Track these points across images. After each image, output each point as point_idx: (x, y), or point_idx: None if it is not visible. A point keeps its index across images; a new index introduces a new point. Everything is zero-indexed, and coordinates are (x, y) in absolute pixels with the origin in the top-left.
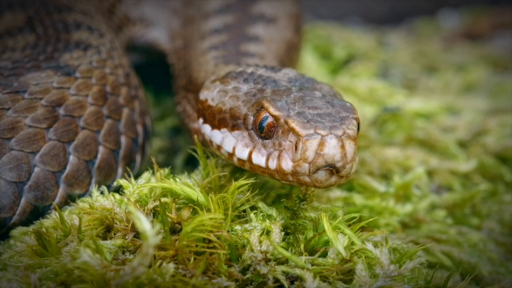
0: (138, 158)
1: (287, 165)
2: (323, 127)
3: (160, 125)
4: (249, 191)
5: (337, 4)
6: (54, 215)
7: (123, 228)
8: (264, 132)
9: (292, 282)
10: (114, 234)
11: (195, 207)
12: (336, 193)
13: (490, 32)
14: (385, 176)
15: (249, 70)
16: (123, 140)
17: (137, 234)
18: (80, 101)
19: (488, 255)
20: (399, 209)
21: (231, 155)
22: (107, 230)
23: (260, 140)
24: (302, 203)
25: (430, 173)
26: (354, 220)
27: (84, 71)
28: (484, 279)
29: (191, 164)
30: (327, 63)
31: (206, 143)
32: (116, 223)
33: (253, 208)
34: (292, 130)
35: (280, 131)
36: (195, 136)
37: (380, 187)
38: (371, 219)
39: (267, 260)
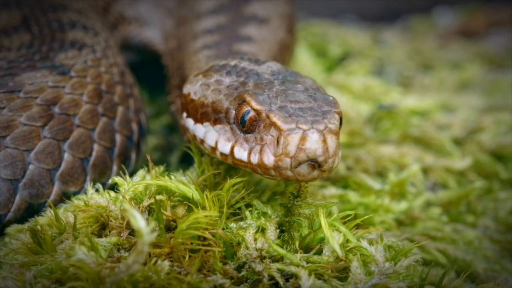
0: (133, 156)
1: (268, 159)
2: (305, 121)
3: (155, 122)
4: (244, 189)
5: (332, 2)
6: (49, 212)
7: (118, 225)
8: (246, 126)
9: (287, 280)
10: (109, 232)
11: (190, 204)
12: (331, 190)
13: (485, 29)
14: (380, 174)
15: (232, 63)
16: (118, 138)
17: (132, 232)
18: (75, 100)
19: (483, 252)
20: (394, 207)
21: (214, 149)
22: (102, 228)
23: (242, 134)
24: (296, 200)
25: (426, 171)
26: (349, 218)
27: (79, 70)
28: (479, 276)
29: (186, 161)
30: (322, 60)
31: (192, 139)
32: (111, 221)
33: (248, 205)
34: (273, 124)
35: (262, 125)
36: (190, 134)
37: (375, 184)
38: (366, 217)
39: (262, 258)
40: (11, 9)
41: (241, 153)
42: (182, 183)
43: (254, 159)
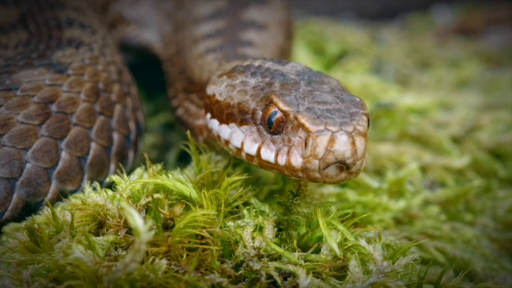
0: (130, 155)
1: (296, 161)
2: (333, 123)
3: (152, 121)
4: (242, 187)
5: (331, 0)
6: (46, 211)
7: (116, 224)
8: (273, 128)
9: (285, 279)
10: (107, 230)
11: (187, 203)
12: (329, 189)
13: (484, 27)
14: (379, 172)
15: (256, 63)
16: (116, 136)
17: (130, 230)
18: (72, 98)
19: (481, 251)
20: (393, 205)
21: (240, 150)
22: (100, 226)
23: (269, 136)
24: (295, 199)
25: (424, 169)
26: (347, 216)
27: (77, 68)
28: (477, 275)
29: (183, 160)
30: (320, 58)
31: (211, 139)
32: (108, 219)
33: (246, 204)
34: (302, 126)
35: (290, 126)
36: (188, 132)
37: (374, 183)
38: (364, 215)
39: (260, 256)
40: (9, 7)
41: (268, 154)
42: (180, 181)
43: (282, 160)
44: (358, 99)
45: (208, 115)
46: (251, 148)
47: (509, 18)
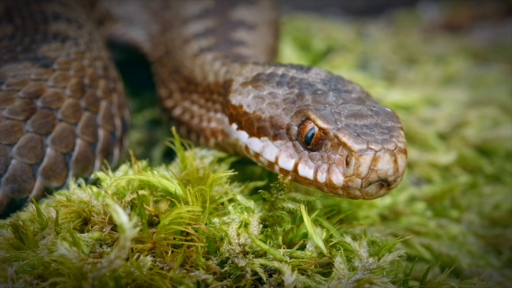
0: (116, 151)
1: (338, 179)
2: (375, 141)
3: (138, 117)
4: (228, 183)
5: None
6: (31, 207)
7: (101, 220)
8: (311, 145)
9: (270, 275)
10: (91, 227)
11: (172, 199)
12: None
13: (470, 23)
14: None
15: (280, 71)
16: (101, 133)
17: (115, 227)
18: (58, 93)
19: (467, 247)
20: (378, 202)
21: (273, 164)
22: (84, 223)
23: (307, 152)
24: (279, 193)
25: (410, 165)
26: (332, 213)
27: (62, 63)
28: (463, 271)
29: (169, 156)
30: (306, 54)
31: (226, 144)
32: (93, 216)
33: (231, 200)
34: (343, 144)
35: (329, 144)
36: (173, 128)
37: None
38: (350, 212)
39: (245, 253)
40: None
41: (306, 171)
42: (165, 178)
43: (322, 178)
44: (390, 110)
45: (234, 126)
46: (287, 163)
47: (495, 14)
